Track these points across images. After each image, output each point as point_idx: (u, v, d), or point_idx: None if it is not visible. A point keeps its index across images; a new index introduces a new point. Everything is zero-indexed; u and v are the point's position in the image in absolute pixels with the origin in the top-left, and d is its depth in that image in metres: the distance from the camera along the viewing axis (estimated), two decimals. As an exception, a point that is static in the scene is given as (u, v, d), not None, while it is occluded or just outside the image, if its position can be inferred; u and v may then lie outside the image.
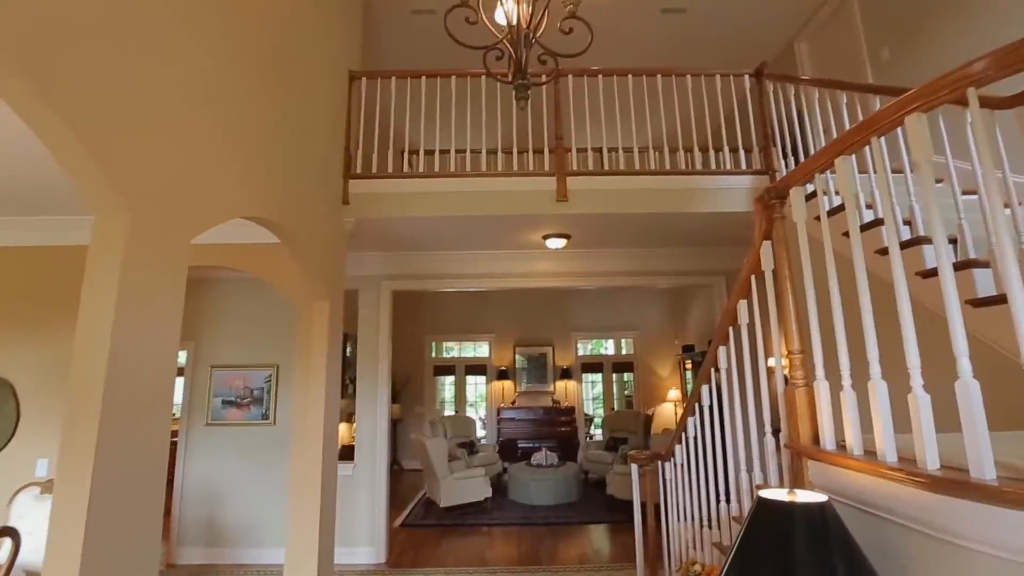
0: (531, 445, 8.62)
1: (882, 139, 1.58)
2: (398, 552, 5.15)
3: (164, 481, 1.94)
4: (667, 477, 3.29)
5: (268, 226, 2.92)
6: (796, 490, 1.57)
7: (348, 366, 6.06)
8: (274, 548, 4.80)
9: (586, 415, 10.10)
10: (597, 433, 9.98)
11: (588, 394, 10.33)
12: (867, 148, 1.61)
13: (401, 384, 9.06)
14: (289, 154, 3.10)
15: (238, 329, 5.28)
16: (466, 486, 6.38)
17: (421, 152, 4.71)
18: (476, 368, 10.19)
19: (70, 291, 3.89)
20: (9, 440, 3.82)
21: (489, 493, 6.52)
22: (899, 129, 1.47)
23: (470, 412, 10.01)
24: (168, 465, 1.95)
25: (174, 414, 1.88)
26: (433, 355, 10.15)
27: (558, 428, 9.29)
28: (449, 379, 10.28)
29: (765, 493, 1.53)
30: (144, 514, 1.83)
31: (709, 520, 2.81)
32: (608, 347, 10.57)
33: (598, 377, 10.40)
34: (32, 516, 2.96)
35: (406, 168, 6.24)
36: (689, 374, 8.77)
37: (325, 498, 3.63)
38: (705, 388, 2.80)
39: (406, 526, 6.01)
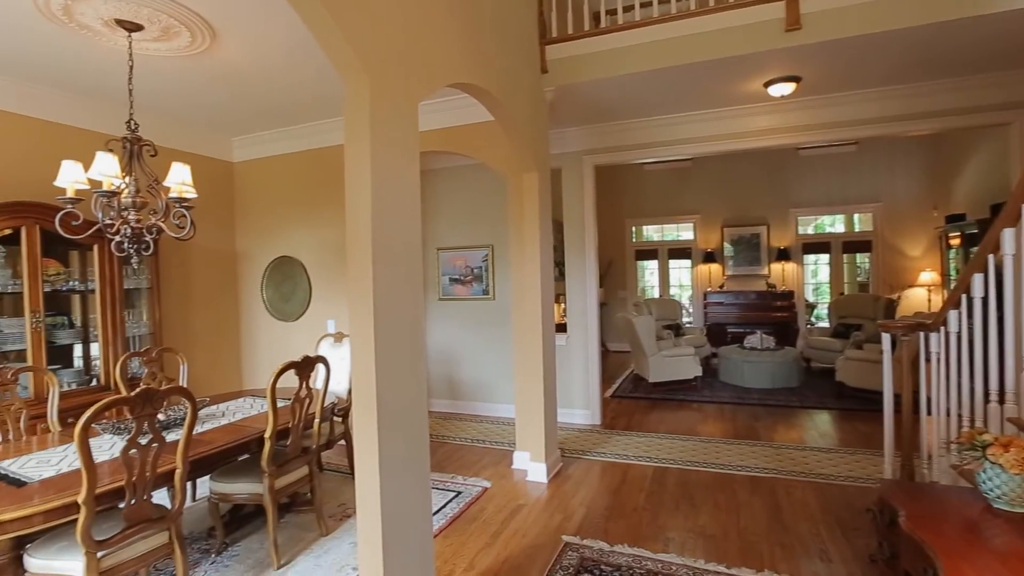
0: (742, 330, 8.15)
1: None
2: (611, 417, 5.48)
3: (423, 325, 2.27)
4: (932, 350, 2.78)
5: (479, 94, 2.99)
6: None
7: (555, 250, 6.29)
8: (504, 404, 5.50)
9: (807, 301, 9.06)
10: (820, 323, 8.97)
11: (809, 278, 9.18)
12: None
13: (604, 269, 9.16)
14: (492, 24, 3.07)
15: (456, 214, 5.81)
16: (675, 364, 6.38)
17: (619, 8, 4.26)
18: (679, 252, 9.73)
19: (335, 183, 4.59)
20: (307, 307, 4.94)
21: (699, 372, 6.44)
22: None
23: (673, 297, 9.77)
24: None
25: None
26: (634, 240, 9.96)
27: (773, 313, 8.56)
28: (651, 264, 10.06)
29: None
30: (412, 350, 2.20)
31: (1001, 394, 2.31)
32: (836, 225, 9.09)
33: (824, 258, 9.11)
34: (331, 357, 3.83)
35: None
36: (954, 252, 7.12)
37: (546, 362, 3.94)
38: (1009, 232, 2.18)
39: (616, 397, 6.32)
